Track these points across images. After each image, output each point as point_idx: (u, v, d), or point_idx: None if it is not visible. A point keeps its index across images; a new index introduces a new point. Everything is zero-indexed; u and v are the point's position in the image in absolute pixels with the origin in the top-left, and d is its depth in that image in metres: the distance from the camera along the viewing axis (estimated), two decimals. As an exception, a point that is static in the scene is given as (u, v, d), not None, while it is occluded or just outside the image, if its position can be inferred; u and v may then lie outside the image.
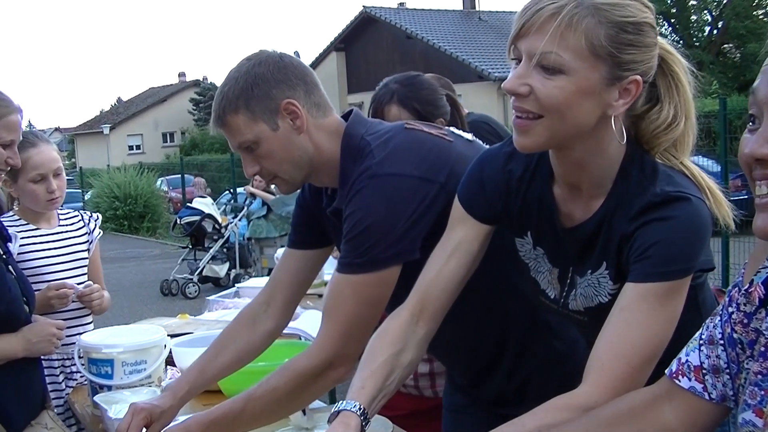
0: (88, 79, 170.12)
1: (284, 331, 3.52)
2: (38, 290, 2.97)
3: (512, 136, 1.63)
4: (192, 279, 12.33)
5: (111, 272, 3.41)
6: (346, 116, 2.11)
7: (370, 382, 1.69)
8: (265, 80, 1.97)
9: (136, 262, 16.22)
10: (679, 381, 1.34)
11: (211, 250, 12.58)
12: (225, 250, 12.74)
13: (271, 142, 1.98)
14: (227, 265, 12.71)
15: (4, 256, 2.48)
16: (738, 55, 31.45)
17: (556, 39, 1.45)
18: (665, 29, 31.12)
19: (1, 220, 3.01)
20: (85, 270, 3.31)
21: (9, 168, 2.53)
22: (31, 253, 3.13)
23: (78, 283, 3.20)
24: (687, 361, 1.35)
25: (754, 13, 31.54)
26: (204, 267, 12.54)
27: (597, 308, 1.68)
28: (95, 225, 3.42)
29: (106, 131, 42.25)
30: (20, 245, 3.03)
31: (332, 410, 1.65)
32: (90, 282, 3.22)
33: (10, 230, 2.96)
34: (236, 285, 5.31)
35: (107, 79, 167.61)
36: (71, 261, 3.25)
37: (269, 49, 2.05)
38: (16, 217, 3.21)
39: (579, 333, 1.91)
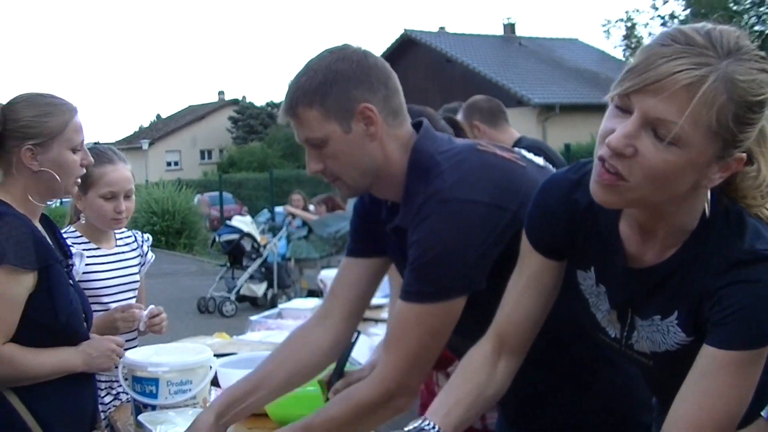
0: (127, 95, 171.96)
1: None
2: (94, 311, 2.91)
3: (581, 165, 1.54)
4: (229, 297, 12.26)
5: (147, 287, 3.42)
6: (415, 126, 2.00)
7: (456, 410, 1.63)
8: (346, 78, 1.85)
9: (172, 279, 16.25)
10: None
11: (249, 269, 12.51)
12: (263, 269, 12.67)
13: (340, 144, 1.87)
14: (265, 284, 12.62)
15: (66, 270, 2.44)
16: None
17: (691, 115, 1.31)
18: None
19: (65, 234, 2.98)
20: (136, 292, 3.26)
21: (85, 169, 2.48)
22: (92, 274, 3.07)
23: None
24: None
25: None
26: (242, 286, 12.49)
27: (663, 355, 1.58)
28: (148, 248, 3.38)
29: (145, 147, 42.48)
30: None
31: (412, 426, 1.59)
32: (152, 306, 3.13)
33: (76, 248, 2.92)
34: (279, 305, 5.28)
35: (147, 96, 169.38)
36: (127, 283, 3.21)
37: (354, 44, 1.93)
38: (78, 233, 3.16)
39: (640, 372, 1.81)
